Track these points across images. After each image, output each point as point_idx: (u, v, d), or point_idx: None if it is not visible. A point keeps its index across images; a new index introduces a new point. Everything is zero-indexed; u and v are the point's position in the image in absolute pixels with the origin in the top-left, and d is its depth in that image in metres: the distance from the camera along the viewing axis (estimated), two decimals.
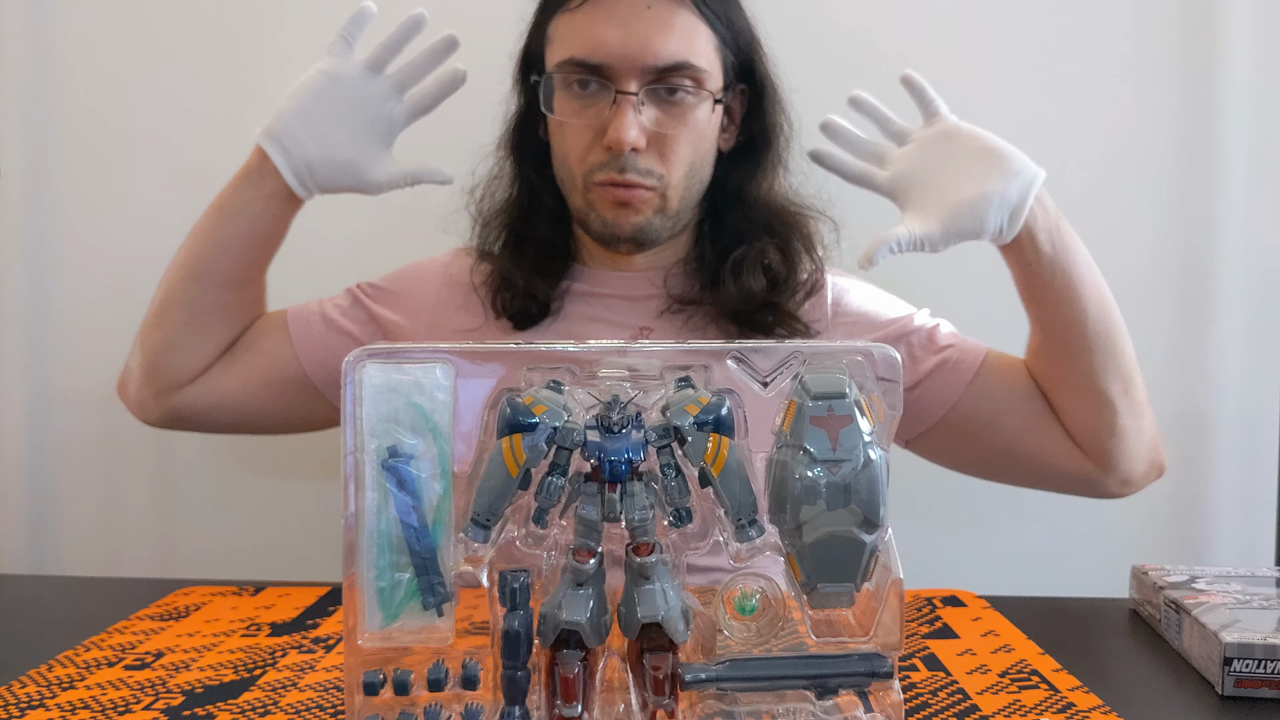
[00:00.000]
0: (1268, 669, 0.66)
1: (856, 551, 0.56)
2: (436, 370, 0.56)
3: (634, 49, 0.97)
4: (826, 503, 0.56)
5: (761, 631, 0.59)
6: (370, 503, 0.55)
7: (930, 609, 0.85)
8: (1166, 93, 1.49)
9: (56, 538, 1.51)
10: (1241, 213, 1.50)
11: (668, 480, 0.56)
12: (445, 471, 0.55)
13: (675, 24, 0.98)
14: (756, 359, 0.58)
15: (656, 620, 0.55)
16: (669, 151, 1.00)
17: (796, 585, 0.57)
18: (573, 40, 0.99)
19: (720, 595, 0.59)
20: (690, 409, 0.56)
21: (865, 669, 0.58)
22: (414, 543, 0.55)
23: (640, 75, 0.97)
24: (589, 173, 1.01)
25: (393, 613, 0.55)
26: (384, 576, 0.55)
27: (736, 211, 1.07)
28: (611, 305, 1.07)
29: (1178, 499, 1.53)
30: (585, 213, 1.03)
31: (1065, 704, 0.64)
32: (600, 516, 0.55)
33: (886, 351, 0.58)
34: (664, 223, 1.03)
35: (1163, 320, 1.51)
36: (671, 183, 1.01)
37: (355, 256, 1.41)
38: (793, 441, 0.56)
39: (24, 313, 1.50)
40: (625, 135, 0.96)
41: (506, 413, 0.55)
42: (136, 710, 0.63)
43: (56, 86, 1.48)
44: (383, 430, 0.55)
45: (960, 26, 1.49)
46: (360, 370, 0.55)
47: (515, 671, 0.56)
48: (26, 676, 0.68)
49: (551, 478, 0.55)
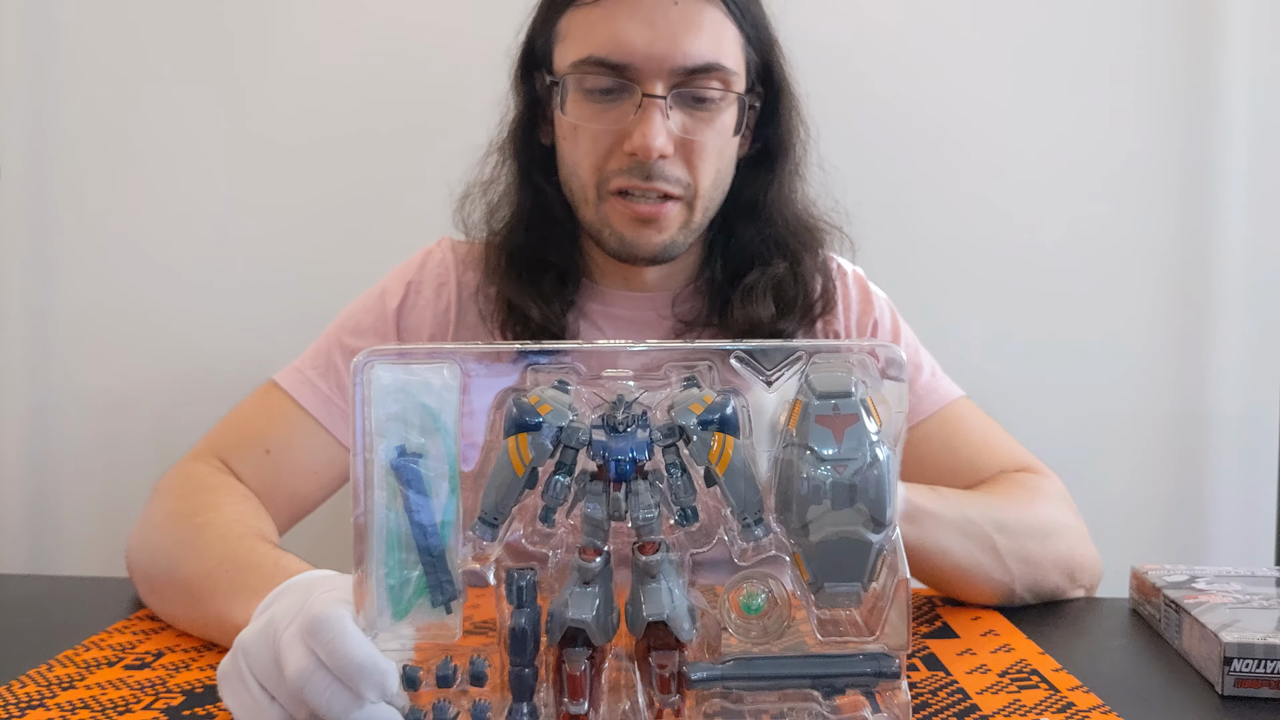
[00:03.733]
0: (1268, 669, 0.66)
1: (863, 551, 0.56)
2: (444, 370, 0.56)
3: (662, 48, 0.90)
4: (832, 502, 0.55)
5: (768, 630, 0.59)
6: (379, 501, 0.55)
7: (930, 609, 0.85)
8: (1166, 93, 1.49)
9: (56, 538, 1.51)
10: (1241, 213, 1.50)
11: (673, 479, 0.56)
12: (453, 471, 0.56)
13: (704, 22, 0.91)
14: (762, 359, 0.58)
15: (662, 619, 0.55)
16: (696, 159, 0.94)
17: (803, 585, 0.57)
18: (591, 37, 0.92)
19: (726, 594, 0.59)
20: (695, 408, 0.56)
21: (872, 669, 0.57)
22: (422, 540, 0.55)
23: (668, 77, 0.91)
24: (604, 181, 0.94)
25: (402, 609, 0.55)
26: (393, 574, 0.55)
27: (751, 226, 1.02)
28: (621, 329, 1.03)
29: (1178, 499, 1.53)
30: (599, 229, 0.97)
31: (1065, 704, 0.64)
32: (606, 515, 0.55)
33: (892, 351, 0.57)
34: (687, 238, 0.97)
35: (1163, 320, 1.51)
36: (700, 192, 0.95)
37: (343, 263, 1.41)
38: (798, 440, 0.56)
39: (24, 313, 1.50)
40: (654, 142, 0.90)
41: (513, 412, 0.55)
42: (136, 710, 0.63)
43: (56, 86, 1.48)
44: (391, 430, 0.55)
45: (960, 27, 1.49)
46: (369, 371, 0.55)
47: (523, 669, 0.56)
48: (26, 676, 0.68)
49: (557, 477, 0.55)
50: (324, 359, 1.00)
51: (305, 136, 1.48)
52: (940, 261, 1.51)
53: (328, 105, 1.48)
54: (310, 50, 1.48)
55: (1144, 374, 1.52)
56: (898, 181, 1.50)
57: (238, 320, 1.50)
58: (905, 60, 1.49)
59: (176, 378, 1.49)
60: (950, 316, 1.48)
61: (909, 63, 1.49)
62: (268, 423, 0.98)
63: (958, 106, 1.50)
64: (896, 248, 1.44)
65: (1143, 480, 1.53)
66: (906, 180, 1.50)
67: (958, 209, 1.51)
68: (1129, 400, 1.52)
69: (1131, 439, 1.52)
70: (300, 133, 1.48)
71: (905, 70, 1.49)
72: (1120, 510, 1.50)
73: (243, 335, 1.48)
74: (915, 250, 1.49)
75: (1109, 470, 1.51)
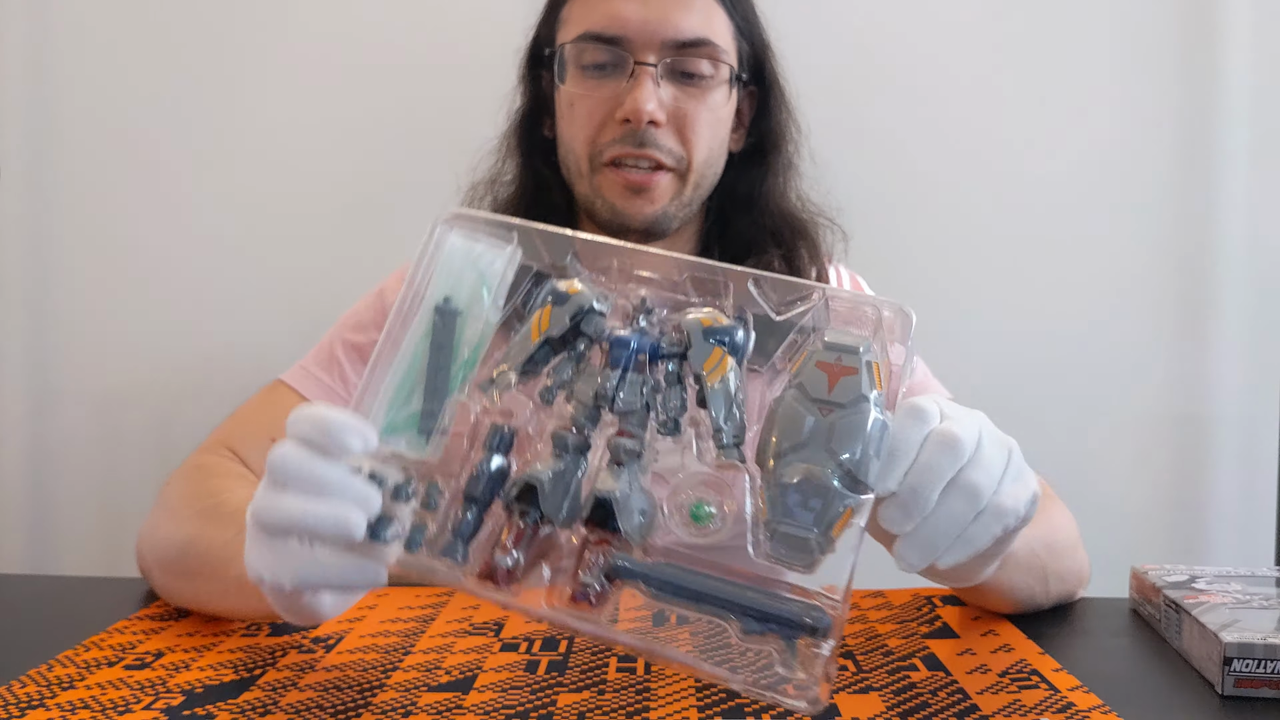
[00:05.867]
0: (1268, 669, 0.66)
1: (829, 499, 0.54)
2: (508, 250, 0.62)
3: (654, 22, 0.95)
4: (809, 442, 0.54)
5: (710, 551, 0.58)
6: (413, 331, 0.60)
7: (930, 609, 0.85)
8: (1166, 92, 1.49)
9: (56, 538, 1.51)
10: (1241, 212, 1.50)
11: (667, 386, 0.58)
12: (483, 340, 0.60)
13: (695, 3, 0.97)
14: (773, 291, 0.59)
15: (610, 496, 0.56)
16: (689, 131, 0.97)
17: (760, 522, 0.55)
18: (588, 16, 0.97)
19: (677, 493, 0.58)
20: (705, 320, 0.58)
21: (803, 617, 0.54)
22: (433, 376, 0.60)
23: (660, 49, 0.95)
24: (598, 153, 0.97)
25: (390, 427, 0.59)
26: (398, 396, 0.60)
27: (745, 217, 1.05)
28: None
29: (1178, 499, 1.53)
30: (592, 200, 0.99)
31: (1065, 704, 0.64)
32: (593, 395, 0.58)
33: (903, 307, 0.57)
34: (678, 211, 0.99)
35: (1163, 320, 1.52)
36: (693, 165, 0.98)
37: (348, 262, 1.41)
38: (793, 382, 0.56)
39: (24, 312, 1.50)
40: (644, 105, 0.93)
41: (546, 288, 0.60)
42: (136, 710, 0.63)
43: (56, 87, 1.48)
44: (444, 283, 0.61)
45: (959, 27, 1.49)
46: (445, 234, 0.61)
47: (470, 511, 0.58)
48: (26, 676, 0.68)
49: (567, 357, 0.59)
50: (326, 355, 1.03)
51: (306, 136, 1.48)
52: (938, 261, 1.51)
53: (330, 105, 1.48)
54: (312, 50, 1.48)
55: (1144, 374, 1.52)
56: (895, 182, 1.50)
57: (238, 320, 1.50)
58: (904, 58, 1.49)
59: (176, 377, 1.49)
60: (949, 317, 1.48)
61: (907, 61, 1.49)
62: (274, 415, 0.98)
63: (957, 106, 1.50)
64: (894, 248, 1.44)
65: (1143, 480, 1.53)
66: (905, 180, 1.50)
67: (956, 209, 1.51)
68: (1129, 400, 1.52)
69: (1131, 439, 1.52)
70: (301, 132, 1.48)
71: (904, 70, 1.49)
72: (1120, 510, 1.50)
73: (243, 335, 1.48)
74: (913, 250, 1.49)
75: (1109, 470, 1.51)
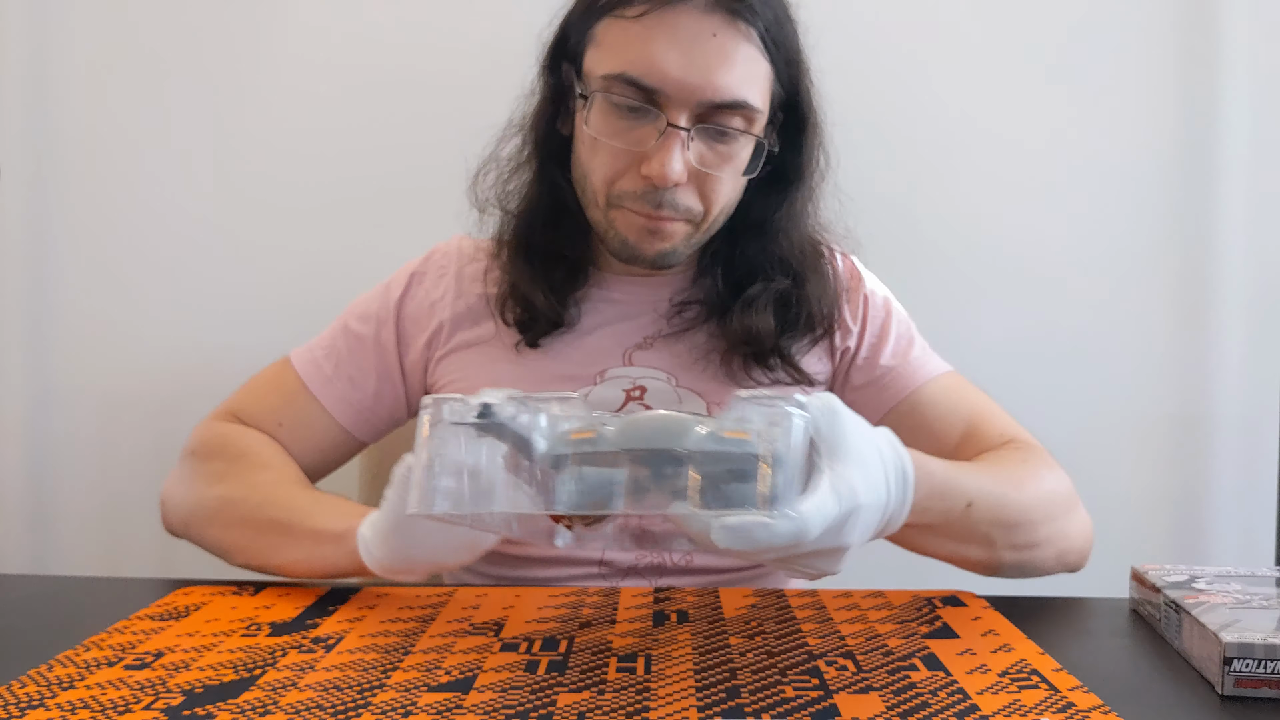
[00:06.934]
0: (1268, 669, 0.66)
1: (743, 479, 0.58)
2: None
3: (694, 80, 0.91)
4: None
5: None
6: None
7: (930, 609, 0.85)
8: (1166, 93, 1.49)
9: (56, 538, 1.51)
10: (1241, 212, 1.50)
11: None
12: None
13: (738, 58, 0.92)
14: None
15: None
16: (709, 190, 0.96)
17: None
18: (626, 54, 0.92)
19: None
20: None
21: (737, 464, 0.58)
22: None
23: (694, 109, 0.92)
24: (615, 196, 0.97)
25: None
26: None
27: (755, 243, 1.04)
28: (623, 311, 1.06)
29: (1178, 499, 1.53)
30: (604, 229, 1.00)
31: (1065, 704, 0.64)
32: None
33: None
34: (689, 249, 1.01)
35: (1163, 320, 1.52)
36: (708, 220, 0.99)
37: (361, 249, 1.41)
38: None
39: (24, 312, 1.50)
40: (670, 172, 0.92)
41: None
42: (136, 710, 0.63)
43: (56, 86, 1.48)
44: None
45: (959, 27, 1.49)
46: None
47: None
48: (26, 676, 0.68)
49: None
50: (329, 342, 1.08)
51: (307, 137, 1.48)
52: (940, 262, 1.51)
53: (330, 106, 1.48)
54: (312, 50, 1.48)
55: (1144, 374, 1.52)
56: (897, 182, 1.50)
57: (238, 320, 1.50)
58: (906, 61, 1.49)
59: (176, 377, 1.49)
60: (950, 316, 1.49)
61: (910, 64, 1.49)
62: (281, 400, 1.06)
63: (958, 107, 1.50)
64: (896, 248, 1.44)
65: (1143, 480, 1.53)
66: (906, 181, 1.51)
67: (957, 209, 1.51)
68: (1129, 400, 1.52)
69: (1132, 439, 1.52)
70: (302, 133, 1.48)
71: (906, 71, 1.49)
72: (1120, 510, 1.51)
73: (243, 335, 1.48)
74: (914, 251, 1.49)
75: (1109, 470, 1.51)
